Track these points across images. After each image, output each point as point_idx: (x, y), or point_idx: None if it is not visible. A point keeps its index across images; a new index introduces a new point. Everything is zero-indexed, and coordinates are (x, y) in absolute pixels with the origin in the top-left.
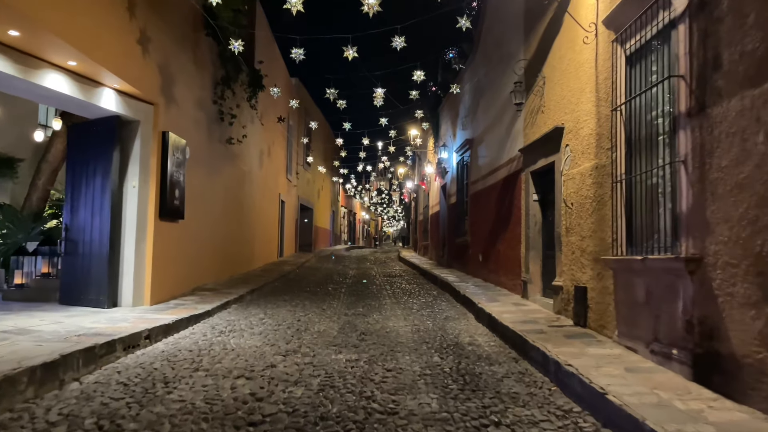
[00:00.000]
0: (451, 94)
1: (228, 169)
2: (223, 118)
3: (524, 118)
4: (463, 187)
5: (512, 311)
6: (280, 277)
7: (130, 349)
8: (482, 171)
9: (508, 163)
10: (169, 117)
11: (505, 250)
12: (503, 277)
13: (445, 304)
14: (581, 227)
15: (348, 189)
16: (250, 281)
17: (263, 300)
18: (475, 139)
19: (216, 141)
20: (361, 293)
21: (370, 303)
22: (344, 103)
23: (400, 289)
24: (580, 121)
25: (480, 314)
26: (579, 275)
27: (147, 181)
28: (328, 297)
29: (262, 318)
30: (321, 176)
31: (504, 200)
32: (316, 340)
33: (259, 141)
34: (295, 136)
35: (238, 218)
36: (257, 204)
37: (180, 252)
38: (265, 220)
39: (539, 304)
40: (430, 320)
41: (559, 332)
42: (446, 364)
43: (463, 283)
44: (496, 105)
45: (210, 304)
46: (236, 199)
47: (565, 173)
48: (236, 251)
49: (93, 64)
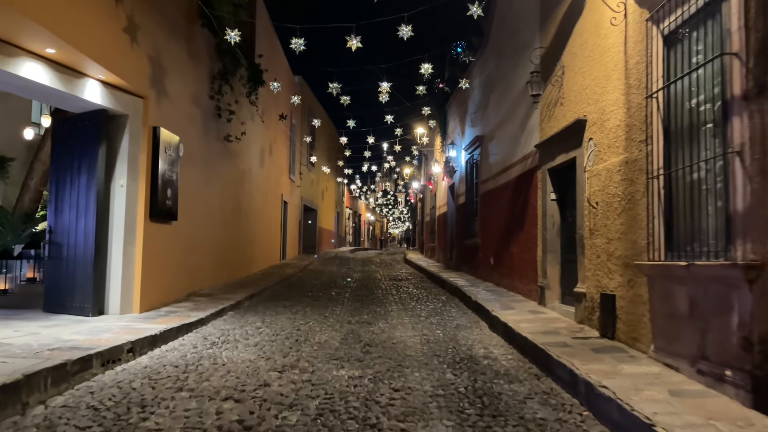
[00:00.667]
0: (460, 90)
1: (226, 167)
2: (220, 114)
3: (540, 112)
4: (473, 186)
5: (530, 320)
6: (281, 280)
7: (110, 365)
8: (493, 169)
9: (522, 160)
10: (161, 111)
11: (520, 253)
12: (517, 281)
13: (455, 310)
14: (608, 229)
15: (353, 190)
16: (249, 286)
17: (262, 306)
18: (485, 136)
19: (213, 138)
20: (365, 298)
21: (376, 309)
22: (348, 99)
23: (407, 294)
24: (605, 112)
25: (494, 323)
26: (605, 281)
27: (136, 180)
28: (330, 303)
29: (258, 327)
30: (325, 177)
31: (518, 200)
32: (316, 352)
33: (260, 139)
34: (298, 135)
35: (237, 219)
36: (258, 205)
37: (173, 255)
38: (267, 222)
39: (558, 312)
40: (440, 329)
41: (585, 345)
42: (461, 382)
43: (474, 288)
44: (509, 99)
45: (204, 311)
46: (235, 199)
47: (589, 169)
48: (235, 254)
49: (74, 52)
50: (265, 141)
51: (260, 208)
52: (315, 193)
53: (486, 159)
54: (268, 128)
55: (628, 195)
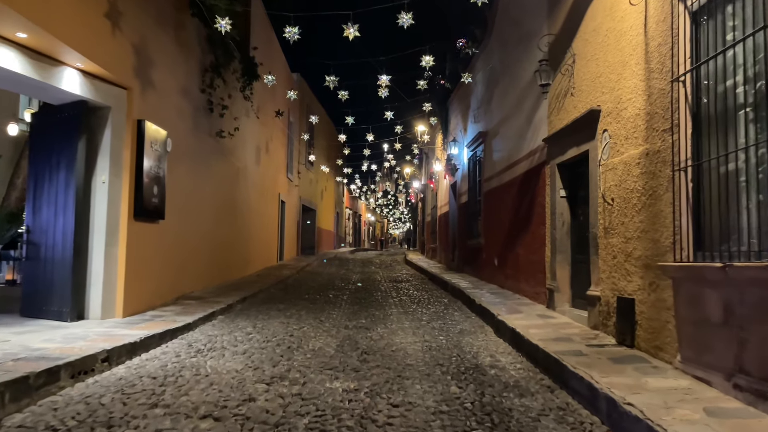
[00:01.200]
0: (462, 86)
1: (219, 164)
2: (212, 108)
3: (549, 104)
4: (476, 184)
5: (539, 325)
6: (277, 282)
7: (80, 377)
8: (497, 166)
9: (529, 155)
10: (147, 104)
11: (526, 253)
12: (523, 283)
13: (458, 314)
14: (626, 227)
15: (353, 190)
16: (242, 288)
17: (254, 310)
18: (489, 131)
19: (204, 133)
20: (364, 301)
21: (374, 313)
22: (346, 94)
23: (407, 297)
24: (622, 101)
25: (500, 328)
26: (623, 284)
27: (119, 176)
28: (327, 306)
29: (249, 332)
30: (324, 176)
31: (524, 198)
32: (309, 361)
33: (256, 136)
34: (296, 134)
35: (231, 219)
36: (254, 204)
37: (160, 256)
38: (263, 222)
39: (569, 317)
40: (443, 335)
41: (602, 354)
42: (467, 396)
43: (477, 290)
44: (514, 92)
45: (192, 315)
46: (229, 198)
47: (604, 163)
48: (229, 255)
49: (49, 37)
50: (261, 138)
51: (256, 207)
52: (314, 192)
53: (489, 156)
54: (264, 125)
55: (649, 190)
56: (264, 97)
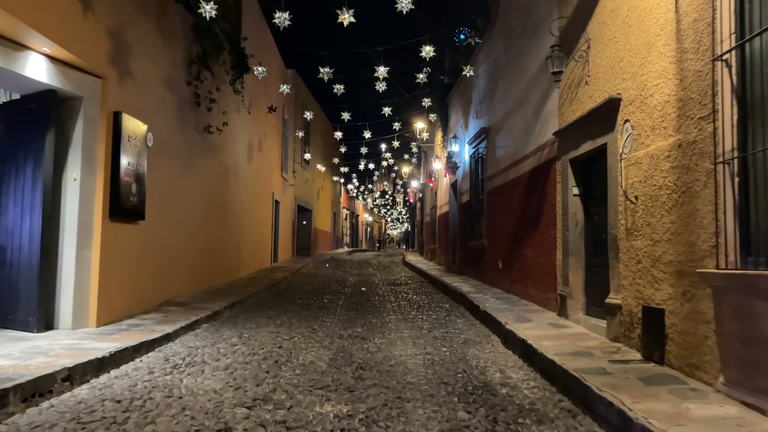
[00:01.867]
0: (462, 80)
1: (207, 162)
2: (199, 102)
3: (560, 95)
4: (478, 183)
5: (552, 336)
6: (269, 286)
7: (34, 400)
8: (501, 164)
9: (537, 151)
10: (125, 95)
11: (534, 256)
12: (532, 288)
13: (461, 321)
14: (653, 228)
15: (350, 190)
16: (232, 293)
17: (243, 317)
18: (492, 127)
19: (191, 129)
20: (361, 306)
21: (371, 320)
22: (341, 88)
23: (406, 301)
24: (647, 87)
25: (509, 338)
26: (649, 292)
27: (93, 173)
28: (321, 312)
29: (234, 344)
30: (321, 175)
31: (531, 196)
32: (298, 378)
33: (247, 133)
34: (291, 132)
35: (220, 219)
36: (245, 203)
37: (140, 259)
38: (256, 222)
39: (585, 326)
40: (446, 346)
41: (629, 372)
42: (477, 424)
43: (481, 295)
44: (520, 84)
45: (173, 324)
46: (218, 197)
47: (626, 157)
48: (218, 257)
49: (10, 18)
50: (253, 135)
51: (248, 207)
52: (310, 192)
53: (493, 153)
54: (257, 121)
55: (681, 186)
56: (256, 92)
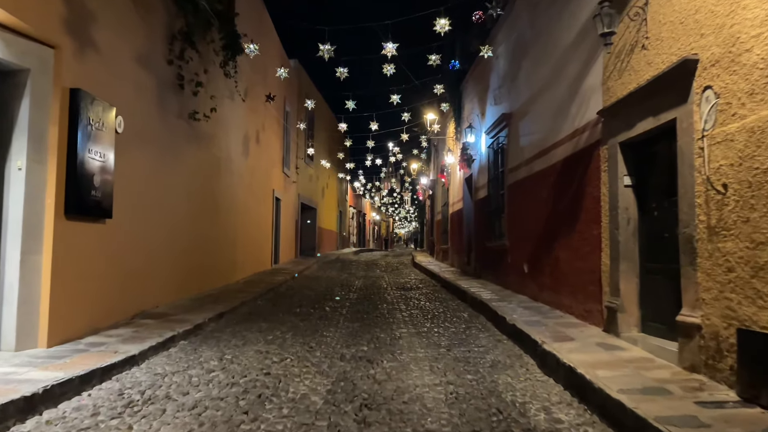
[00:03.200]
0: (478, 64)
1: (194, 153)
2: (183, 84)
3: (604, 66)
4: (498, 176)
5: (607, 362)
6: (266, 292)
7: None
8: (526, 153)
9: (573, 136)
10: (86, 70)
11: (570, 259)
12: (567, 297)
13: (484, 336)
14: (754, 226)
15: (357, 188)
16: (222, 300)
17: (229, 331)
18: (514, 113)
19: (173, 114)
20: (367, 316)
21: (379, 335)
22: (345, 71)
23: (418, 310)
24: (740, 41)
25: (548, 361)
26: (748, 311)
27: (42, 162)
28: (322, 324)
29: (211, 369)
30: (326, 172)
31: (566, 189)
32: (284, 423)
33: (243, 123)
34: (293, 125)
35: (210, 218)
36: (241, 200)
37: (108, 265)
38: (253, 221)
39: (643, 348)
40: (471, 371)
41: (734, 424)
42: None
43: (505, 303)
44: (550, 61)
45: (142, 342)
46: (208, 193)
47: (709, 134)
48: (209, 260)
49: None
50: (250, 126)
51: (244, 204)
52: (314, 190)
53: (515, 141)
54: (254, 111)
55: None
56: (254, 80)
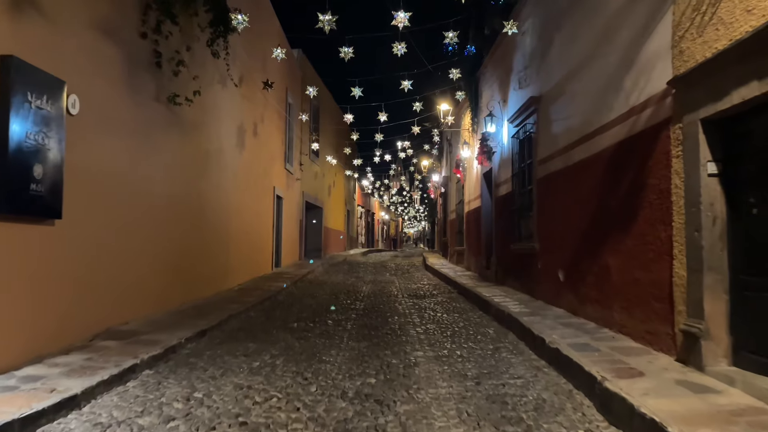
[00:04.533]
0: (499, 45)
1: (175, 143)
2: (161, 62)
3: (675, 24)
4: (524, 170)
5: (706, 414)
6: (261, 301)
7: None
8: (561, 141)
9: (628, 116)
10: (24, 33)
11: (626, 267)
12: (620, 313)
13: (517, 361)
14: None
15: (365, 186)
16: (207, 313)
17: (209, 355)
18: (544, 96)
19: (148, 97)
20: (376, 333)
21: (390, 361)
22: (350, 51)
23: (434, 324)
24: None
25: (612, 405)
26: None
27: None
28: (321, 344)
29: (172, 416)
30: (332, 169)
31: (618, 181)
32: None
33: (237, 113)
34: (297, 118)
35: (197, 218)
36: (235, 198)
37: (57, 275)
38: (251, 221)
39: (744, 389)
40: (512, 418)
41: None
42: None
43: (538, 318)
44: (592, 30)
45: (92, 375)
46: (194, 189)
47: None
48: (195, 266)
49: None
50: (246, 116)
51: (239, 202)
52: (320, 188)
53: (546, 129)
54: (250, 101)
55: None
56: (250, 66)
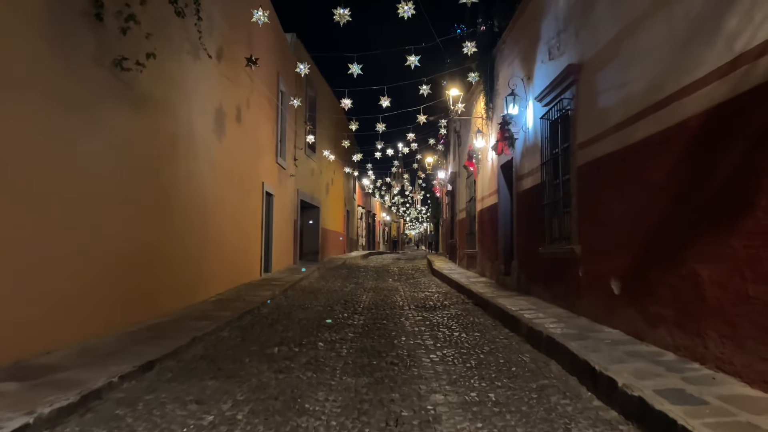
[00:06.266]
0: (522, 14)
1: (128, 121)
2: (101, 14)
3: None
4: (558, 156)
5: None
6: (240, 316)
7: None
8: (615, 116)
9: (731, 68)
10: None
11: (733, 278)
12: (722, 344)
13: (577, 411)
14: None
15: (365, 186)
16: (165, 335)
17: (145, 403)
18: (587, 62)
19: (85, 58)
20: (378, 360)
21: (399, 411)
22: (347, 13)
23: (453, 348)
24: None
25: None
26: None
27: None
28: (305, 380)
29: None
30: (330, 166)
31: (716, 159)
32: None
33: (215, 93)
34: (291, 109)
35: (160, 216)
36: (212, 194)
37: None
38: (233, 221)
39: None
40: None
41: None
42: None
43: (589, 344)
44: None
45: None
46: (154, 180)
47: None
48: (157, 275)
49: None
50: (227, 99)
51: (218, 199)
52: (317, 186)
53: (591, 103)
54: (233, 82)
55: None
56: (232, 39)
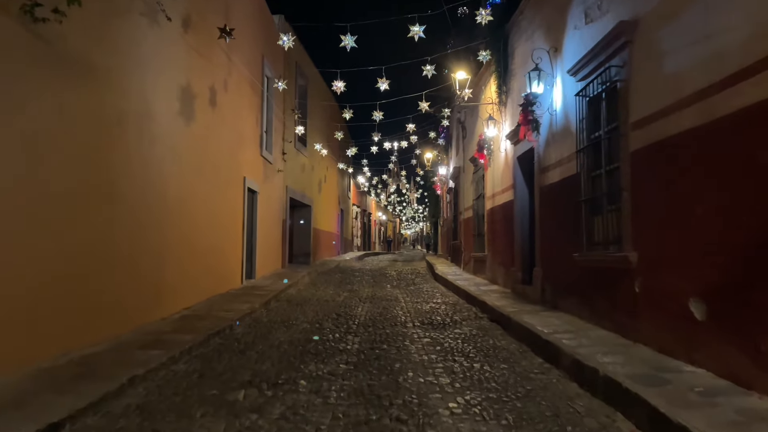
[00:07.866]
0: None
1: (50, 91)
2: None
3: None
4: (601, 142)
5: None
6: (205, 340)
7: None
8: (691, 82)
9: None
10: None
11: None
12: None
13: None
14: None
15: (360, 184)
16: (93, 372)
17: None
18: (644, 17)
19: None
20: (377, 415)
21: None
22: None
23: (477, 391)
24: None
25: None
26: None
27: None
28: None
29: None
30: (323, 163)
31: None
32: None
33: (180, 67)
34: (278, 95)
35: (105, 213)
36: (176, 187)
37: None
38: (207, 220)
39: None
40: None
41: None
42: None
43: (674, 393)
44: None
45: None
46: (91, 169)
47: None
48: (98, 290)
49: None
50: (196, 76)
51: (186, 192)
52: (308, 183)
53: (652, 69)
54: (205, 59)
55: None
56: (204, 9)
